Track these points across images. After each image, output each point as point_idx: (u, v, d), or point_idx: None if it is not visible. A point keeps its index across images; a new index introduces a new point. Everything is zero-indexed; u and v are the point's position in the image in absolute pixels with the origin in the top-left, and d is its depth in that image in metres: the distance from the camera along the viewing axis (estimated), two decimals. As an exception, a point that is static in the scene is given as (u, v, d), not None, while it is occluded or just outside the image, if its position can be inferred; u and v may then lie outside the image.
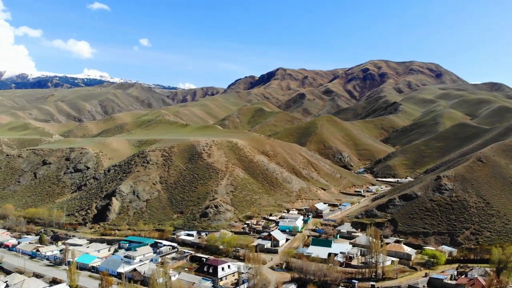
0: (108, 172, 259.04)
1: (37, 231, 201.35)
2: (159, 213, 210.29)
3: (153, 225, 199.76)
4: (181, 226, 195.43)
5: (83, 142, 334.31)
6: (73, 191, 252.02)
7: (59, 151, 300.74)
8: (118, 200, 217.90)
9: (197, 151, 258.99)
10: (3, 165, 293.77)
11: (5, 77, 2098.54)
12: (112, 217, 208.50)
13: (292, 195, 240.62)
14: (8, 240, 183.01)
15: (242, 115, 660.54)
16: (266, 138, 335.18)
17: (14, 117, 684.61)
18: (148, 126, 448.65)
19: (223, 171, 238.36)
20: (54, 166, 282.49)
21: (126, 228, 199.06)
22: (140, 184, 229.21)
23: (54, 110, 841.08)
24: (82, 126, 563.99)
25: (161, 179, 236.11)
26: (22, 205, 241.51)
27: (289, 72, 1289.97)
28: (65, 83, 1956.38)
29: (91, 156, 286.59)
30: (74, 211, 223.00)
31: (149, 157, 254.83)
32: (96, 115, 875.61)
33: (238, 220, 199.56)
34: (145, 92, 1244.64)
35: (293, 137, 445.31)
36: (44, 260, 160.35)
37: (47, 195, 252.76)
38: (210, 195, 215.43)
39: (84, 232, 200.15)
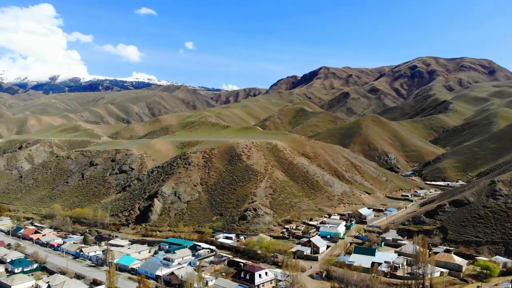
0: (151, 173, 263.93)
1: (82, 231, 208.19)
2: (199, 215, 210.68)
3: (192, 227, 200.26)
4: (220, 229, 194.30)
5: (128, 144, 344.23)
6: (118, 192, 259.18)
7: (105, 153, 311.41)
8: (160, 201, 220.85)
9: (237, 152, 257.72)
10: (52, 166, 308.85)
11: (59, 80, 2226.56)
12: (153, 218, 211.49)
13: (334, 199, 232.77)
14: (54, 239, 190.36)
15: (283, 115, 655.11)
16: (307, 139, 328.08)
17: (66, 119, 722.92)
18: (191, 128, 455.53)
19: (262, 173, 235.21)
20: (100, 167, 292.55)
21: (166, 230, 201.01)
22: (181, 186, 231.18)
23: (104, 112, 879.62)
24: (129, 127, 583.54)
25: (202, 181, 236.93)
26: (69, 205, 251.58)
27: (333, 71, 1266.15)
28: (115, 86, 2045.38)
29: (135, 157, 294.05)
30: (118, 212, 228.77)
31: (190, 158, 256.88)
32: (143, 117, 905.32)
33: (277, 224, 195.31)
34: (190, 94, 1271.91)
35: (336, 138, 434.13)
36: (87, 261, 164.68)
37: (93, 195, 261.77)
38: (249, 197, 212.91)
39: (127, 233, 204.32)
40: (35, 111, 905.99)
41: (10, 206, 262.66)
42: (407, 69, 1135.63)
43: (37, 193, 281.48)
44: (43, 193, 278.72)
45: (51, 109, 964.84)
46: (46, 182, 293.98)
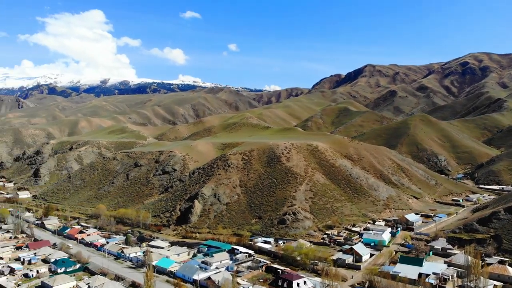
0: (193, 175, 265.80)
1: (125, 231, 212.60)
2: (238, 217, 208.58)
3: (231, 229, 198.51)
4: (259, 232, 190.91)
5: (171, 145, 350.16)
6: (161, 193, 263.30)
7: (149, 154, 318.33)
8: (200, 202, 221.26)
9: (276, 154, 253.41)
10: (99, 167, 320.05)
11: (109, 84, 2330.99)
12: (194, 219, 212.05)
13: (378, 204, 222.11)
14: (97, 240, 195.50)
15: (325, 115, 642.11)
16: (350, 140, 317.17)
17: (115, 121, 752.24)
18: (232, 129, 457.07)
19: (302, 176, 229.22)
20: (144, 168, 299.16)
21: (206, 231, 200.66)
22: (221, 187, 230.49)
23: (151, 114, 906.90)
24: (174, 129, 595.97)
25: (241, 183, 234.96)
26: (114, 205, 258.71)
27: (378, 69, 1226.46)
28: (162, 88, 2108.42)
29: (178, 158, 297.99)
30: (159, 212, 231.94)
31: (230, 160, 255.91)
32: (188, 118, 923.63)
33: (318, 229, 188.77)
34: (233, 96, 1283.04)
35: (382, 138, 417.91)
36: (128, 262, 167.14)
37: (137, 196, 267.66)
38: (288, 201, 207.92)
39: (168, 234, 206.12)
40: (86, 113, 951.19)
41: (59, 205, 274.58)
42: (458, 65, 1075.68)
43: (84, 193, 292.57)
44: (90, 193, 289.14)
45: (101, 111, 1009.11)
46: (93, 182, 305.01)
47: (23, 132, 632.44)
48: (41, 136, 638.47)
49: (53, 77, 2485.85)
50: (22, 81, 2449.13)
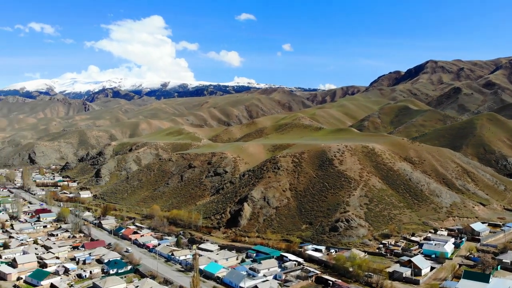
0: (243, 177, 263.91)
1: (176, 233, 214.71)
2: (288, 222, 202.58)
3: (280, 234, 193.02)
4: (309, 239, 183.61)
5: (224, 147, 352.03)
6: (212, 194, 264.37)
7: (202, 156, 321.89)
8: (250, 205, 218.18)
9: (328, 157, 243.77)
10: (156, 168, 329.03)
11: (169, 87, 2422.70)
12: (243, 223, 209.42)
13: (441, 212, 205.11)
14: (150, 241, 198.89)
15: (383, 114, 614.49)
16: (410, 142, 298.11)
17: (173, 122, 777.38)
18: (283, 130, 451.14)
19: (356, 180, 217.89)
20: (198, 170, 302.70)
21: (255, 236, 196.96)
22: (270, 191, 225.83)
23: (207, 116, 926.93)
24: (228, 130, 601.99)
25: (291, 186, 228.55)
26: (168, 206, 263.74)
27: (441, 64, 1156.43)
28: (218, 90, 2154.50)
29: (229, 160, 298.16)
30: (210, 214, 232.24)
31: (279, 163, 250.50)
32: (242, 119, 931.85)
33: (373, 238, 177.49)
34: (286, 96, 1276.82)
35: (445, 139, 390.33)
36: (177, 265, 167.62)
37: (190, 197, 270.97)
38: (341, 206, 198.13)
39: (217, 237, 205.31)
40: (147, 115, 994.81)
41: (116, 205, 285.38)
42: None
43: (140, 193, 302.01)
44: (146, 194, 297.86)
45: (161, 113, 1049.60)
46: (149, 183, 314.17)
47: (88, 134, 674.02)
48: (104, 137, 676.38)
49: (117, 81, 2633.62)
50: (89, 85, 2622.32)
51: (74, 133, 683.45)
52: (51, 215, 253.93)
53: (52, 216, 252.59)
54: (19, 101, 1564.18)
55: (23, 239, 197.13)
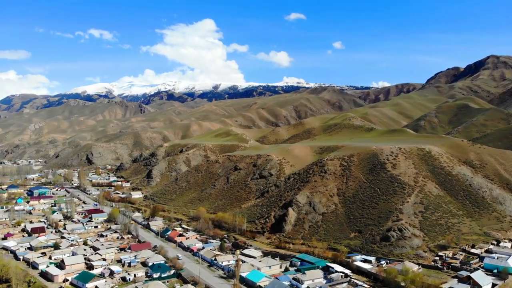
0: (288, 180, 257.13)
1: (221, 236, 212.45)
2: (335, 230, 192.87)
3: (327, 243, 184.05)
4: (358, 249, 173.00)
5: (269, 149, 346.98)
6: (257, 197, 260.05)
7: (248, 158, 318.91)
8: (295, 210, 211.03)
9: (380, 160, 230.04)
10: (203, 169, 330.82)
11: (220, 89, 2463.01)
12: (287, 228, 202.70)
13: (504, 221, 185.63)
14: (194, 244, 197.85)
15: (441, 113, 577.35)
16: (470, 143, 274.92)
17: (223, 124, 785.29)
18: (332, 131, 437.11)
19: (411, 186, 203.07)
20: (243, 172, 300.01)
21: (300, 243, 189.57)
22: (316, 196, 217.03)
23: (256, 117, 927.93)
24: (275, 131, 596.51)
25: (339, 191, 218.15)
26: (214, 208, 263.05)
27: (503, 60, 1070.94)
28: (267, 91, 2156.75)
29: (274, 163, 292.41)
30: (255, 218, 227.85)
31: (327, 166, 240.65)
32: (290, 120, 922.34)
33: (428, 249, 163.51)
34: (336, 95, 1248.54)
35: (509, 140, 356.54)
36: (220, 270, 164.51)
37: (236, 199, 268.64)
38: (393, 214, 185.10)
39: (261, 242, 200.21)
40: (198, 117, 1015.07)
41: (165, 206, 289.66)
42: None
43: (188, 194, 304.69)
44: (194, 195, 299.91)
45: (211, 115, 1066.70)
46: (196, 184, 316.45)
47: (142, 135, 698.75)
48: (157, 139, 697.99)
49: (171, 84, 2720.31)
50: (145, 89, 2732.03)
51: (129, 135, 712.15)
52: (103, 216, 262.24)
53: (103, 217, 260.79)
54: (80, 104, 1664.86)
55: (74, 239, 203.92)
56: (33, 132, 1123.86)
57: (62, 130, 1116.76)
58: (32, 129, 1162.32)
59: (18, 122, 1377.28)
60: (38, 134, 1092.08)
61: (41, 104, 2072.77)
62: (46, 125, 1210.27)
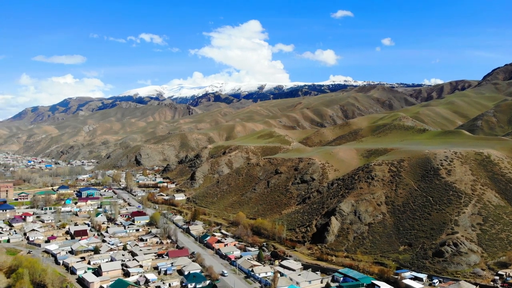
0: (332, 186, 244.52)
1: (260, 244, 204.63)
2: (382, 242, 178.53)
3: (373, 256, 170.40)
4: (408, 264, 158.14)
5: (311, 152, 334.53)
6: (298, 203, 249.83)
7: (289, 161, 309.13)
8: (338, 220, 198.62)
9: (433, 166, 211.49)
10: (244, 172, 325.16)
11: (265, 89, 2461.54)
12: (330, 239, 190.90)
13: None
14: (232, 251, 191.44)
15: (500, 113, 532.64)
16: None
17: (266, 125, 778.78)
18: (380, 133, 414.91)
19: (467, 195, 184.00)
20: (284, 176, 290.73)
21: (343, 255, 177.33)
22: (362, 204, 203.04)
23: (300, 117, 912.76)
24: (319, 132, 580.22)
25: (387, 200, 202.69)
26: (254, 213, 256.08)
27: None
28: (313, 90, 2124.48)
29: (317, 167, 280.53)
30: (295, 226, 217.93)
31: (374, 171, 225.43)
32: (337, 120, 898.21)
33: (487, 267, 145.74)
34: (386, 93, 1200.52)
35: None
36: (256, 283, 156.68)
37: (276, 204, 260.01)
38: (448, 226, 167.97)
39: (302, 253, 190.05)
40: (243, 118, 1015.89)
41: (206, 209, 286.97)
42: None
43: (229, 198, 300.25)
44: (234, 199, 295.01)
45: (255, 115, 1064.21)
46: (237, 187, 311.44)
47: (189, 137, 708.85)
48: (203, 140, 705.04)
49: (218, 85, 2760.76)
50: (194, 91, 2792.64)
51: (177, 136, 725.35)
52: (145, 218, 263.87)
53: (145, 219, 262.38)
54: (131, 106, 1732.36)
55: (114, 243, 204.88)
56: (87, 134, 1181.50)
57: (114, 132, 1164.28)
58: (86, 130, 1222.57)
59: (73, 124, 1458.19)
60: (92, 135, 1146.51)
61: (96, 106, 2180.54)
62: (100, 126, 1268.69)
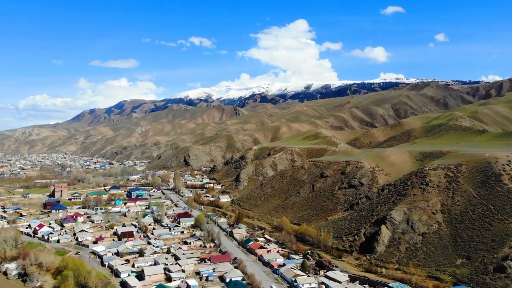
0: (382, 192, 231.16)
1: (304, 252, 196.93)
2: (438, 254, 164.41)
3: (427, 270, 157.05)
4: (465, 280, 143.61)
5: (360, 154, 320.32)
6: (345, 209, 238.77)
7: (336, 164, 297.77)
8: (389, 229, 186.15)
9: (494, 171, 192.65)
10: (288, 175, 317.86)
11: (312, 89, 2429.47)
12: (380, 249, 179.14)
13: None
14: (275, 259, 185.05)
15: None
16: None
17: (313, 125, 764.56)
18: (435, 134, 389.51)
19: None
20: (330, 180, 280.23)
21: (394, 268, 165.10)
22: (415, 212, 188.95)
23: (348, 117, 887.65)
24: (369, 133, 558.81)
25: (443, 208, 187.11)
26: (298, 218, 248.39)
27: None
28: (362, 89, 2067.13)
29: (366, 171, 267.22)
30: (342, 234, 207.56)
31: (428, 177, 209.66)
32: (388, 119, 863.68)
33: None
34: (440, 91, 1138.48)
35: None
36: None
37: (321, 210, 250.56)
38: (511, 239, 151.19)
39: (349, 263, 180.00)
40: (289, 118, 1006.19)
41: (250, 213, 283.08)
42: None
43: (273, 201, 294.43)
44: (278, 202, 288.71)
45: (302, 116, 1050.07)
46: (281, 191, 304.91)
47: (234, 138, 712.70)
48: (248, 141, 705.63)
49: (265, 86, 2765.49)
50: (241, 92, 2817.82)
51: (223, 137, 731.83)
52: (190, 220, 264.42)
53: (190, 221, 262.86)
54: (182, 108, 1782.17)
55: (159, 246, 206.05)
56: (139, 135, 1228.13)
57: (165, 133, 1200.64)
58: (139, 132, 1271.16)
59: (127, 125, 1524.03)
60: (144, 136, 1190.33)
61: (148, 108, 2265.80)
62: (152, 128, 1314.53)
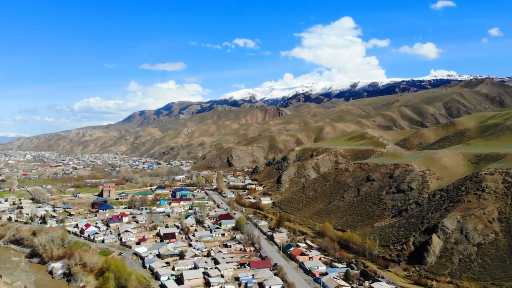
0: (433, 198, 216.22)
1: (348, 260, 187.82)
2: (494, 267, 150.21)
3: (483, 284, 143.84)
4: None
5: (409, 157, 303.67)
6: (393, 216, 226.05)
7: (383, 167, 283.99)
8: (440, 238, 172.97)
9: None
10: (332, 178, 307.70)
11: (358, 87, 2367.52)
12: (430, 260, 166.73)
13: None
14: (317, 267, 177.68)
15: None
16: None
17: (359, 125, 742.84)
18: (491, 134, 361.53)
19: None
20: (377, 184, 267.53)
21: (446, 280, 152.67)
22: (470, 220, 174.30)
23: (397, 116, 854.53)
24: (419, 133, 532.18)
25: (501, 216, 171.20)
26: (342, 224, 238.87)
27: None
28: (411, 86, 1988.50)
29: (415, 174, 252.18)
30: (389, 242, 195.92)
31: (484, 182, 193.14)
32: (440, 119, 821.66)
33: None
34: (496, 88, 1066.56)
35: None
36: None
37: (367, 215, 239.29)
38: None
39: (396, 274, 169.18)
40: (333, 118, 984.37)
41: (291, 216, 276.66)
42: None
43: (315, 205, 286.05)
44: (320, 206, 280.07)
45: (347, 115, 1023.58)
46: (324, 194, 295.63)
47: (277, 138, 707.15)
48: (291, 142, 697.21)
49: (309, 85, 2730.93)
50: (284, 92, 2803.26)
51: (266, 138, 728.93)
52: (231, 222, 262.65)
53: (231, 223, 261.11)
54: (226, 109, 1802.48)
55: (199, 248, 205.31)
56: (186, 136, 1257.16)
57: (210, 134, 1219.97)
58: (185, 132, 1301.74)
59: (175, 126, 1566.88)
60: (190, 137, 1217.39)
61: (195, 109, 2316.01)
62: (197, 129, 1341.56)
